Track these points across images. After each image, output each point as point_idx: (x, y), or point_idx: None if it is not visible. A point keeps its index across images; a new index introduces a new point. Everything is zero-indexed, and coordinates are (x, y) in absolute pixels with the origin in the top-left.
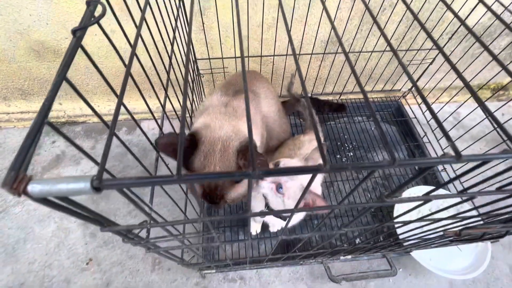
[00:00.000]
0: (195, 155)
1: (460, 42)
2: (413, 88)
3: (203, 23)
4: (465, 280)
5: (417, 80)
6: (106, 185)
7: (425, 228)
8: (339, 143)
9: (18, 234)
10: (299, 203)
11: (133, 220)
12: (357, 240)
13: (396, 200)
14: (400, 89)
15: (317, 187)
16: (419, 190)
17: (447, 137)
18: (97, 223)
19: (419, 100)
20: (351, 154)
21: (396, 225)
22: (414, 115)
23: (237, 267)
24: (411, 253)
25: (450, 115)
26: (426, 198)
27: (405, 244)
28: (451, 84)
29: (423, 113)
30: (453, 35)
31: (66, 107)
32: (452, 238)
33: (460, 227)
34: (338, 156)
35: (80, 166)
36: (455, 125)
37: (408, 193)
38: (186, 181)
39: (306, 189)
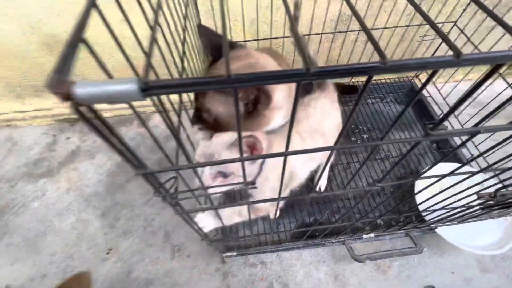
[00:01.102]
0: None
1: (474, 14)
2: None
3: (212, 8)
4: (494, 257)
5: (433, 54)
6: (153, 87)
7: (451, 200)
8: (353, 126)
9: (38, 228)
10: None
11: (151, 210)
12: (378, 221)
13: (442, 133)
14: None
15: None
16: (441, 166)
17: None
18: (131, 164)
19: (433, 79)
20: (366, 136)
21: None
22: (429, 94)
23: (258, 249)
24: (436, 230)
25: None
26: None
27: (430, 219)
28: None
29: (438, 91)
30: (467, 6)
31: None
32: (485, 200)
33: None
34: (353, 138)
35: (95, 160)
36: (470, 102)
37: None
38: (238, 82)
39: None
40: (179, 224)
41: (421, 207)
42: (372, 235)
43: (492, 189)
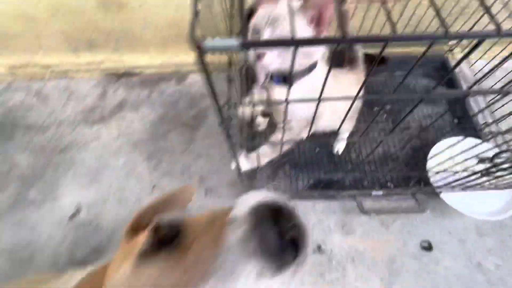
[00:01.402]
0: None
1: None
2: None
3: None
4: (493, 224)
5: (470, 30)
6: (248, 44)
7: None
8: (377, 96)
9: (97, 164)
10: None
11: (188, 157)
12: (389, 184)
13: (460, 34)
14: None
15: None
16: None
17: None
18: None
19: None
20: (389, 107)
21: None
22: (462, 70)
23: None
24: (440, 195)
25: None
26: None
27: (436, 183)
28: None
29: (469, 67)
30: None
31: (125, 59)
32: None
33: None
34: (375, 108)
35: (139, 112)
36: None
37: (443, 144)
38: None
39: None
40: (212, 171)
41: (430, 173)
42: (380, 192)
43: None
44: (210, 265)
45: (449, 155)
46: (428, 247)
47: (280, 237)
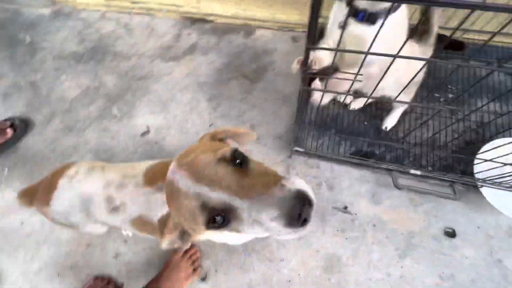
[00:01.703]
0: None
1: None
2: None
3: None
4: None
5: None
6: None
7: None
8: (442, 82)
9: (167, 95)
10: None
11: (245, 106)
12: (429, 168)
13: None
14: None
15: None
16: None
17: None
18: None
19: None
20: (451, 95)
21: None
22: None
23: (320, 156)
24: (481, 189)
25: None
26: None
27: (480, 176)
28: None
29: None
30: None
31: (202, 5)
32: None
33: None
34: (437, 95)
35: (208, 57)
36: None
37: (499, 142)
38: None
39: None
40: (262, 122)
41: (476, 165)
42: (418, 172)
43: None
44: (257, 193)
45: (502, 153)
46: (451, 234)
47: (299, 213)
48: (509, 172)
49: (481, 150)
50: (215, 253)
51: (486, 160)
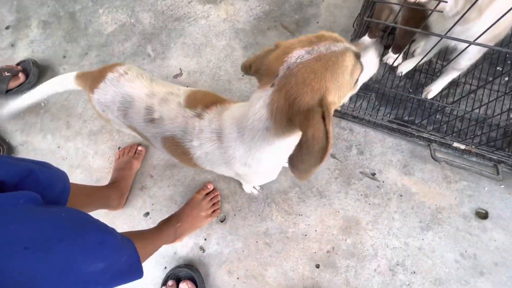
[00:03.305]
0: None
1: None
2: None
3: None
4: None
5: None
6: None
7: None
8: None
9: (201, 39)
10: None
11: None
12: (472, 147)
13: None
14: None
15: None
16: None
17: None
18: None
19: None
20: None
21: None
22: None
23: (354, 119)
24: None
25: None
26: None
27: None
28: None
29: None
30: None
31: None
32: None
33: None
34: (498, 68)
35: (248, 2)
36: None
37: None
38: None
39: None
40: None
41: None
42: (463, 146)
43: None
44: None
45: None
46: (483, 215)
47: None
48: None
49: None
50: (235, 199)
51: None
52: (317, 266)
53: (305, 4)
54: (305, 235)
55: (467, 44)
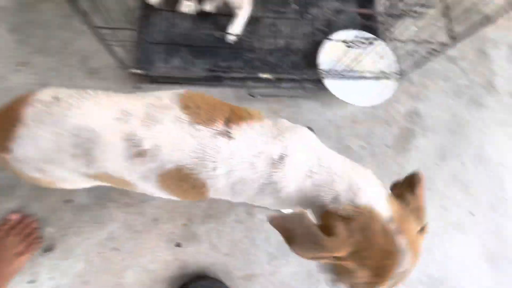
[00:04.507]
0: None
1: None
2: None
3: None
4: (366, 115)
5: None
6: None
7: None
8: None
9: None
10: None
11: (68, 34)
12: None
13: None
14: None
15: None
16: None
17: None
18: None
19: None
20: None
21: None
22: None
23: (169, 80)
24: (324, 81)
25: None
26: None
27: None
28: None
29: None
30: None
31: None
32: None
33: None
34: None
35: None
36: None
37: (337, 35)
38: None
39: None
40: (98, 50)
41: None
42: (267, 75)
43: None
44: None
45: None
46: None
47: None
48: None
49: (323, 46)
50: (58, 217)
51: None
52: (178, 245)
53: None
54: (156, 220)
55: None
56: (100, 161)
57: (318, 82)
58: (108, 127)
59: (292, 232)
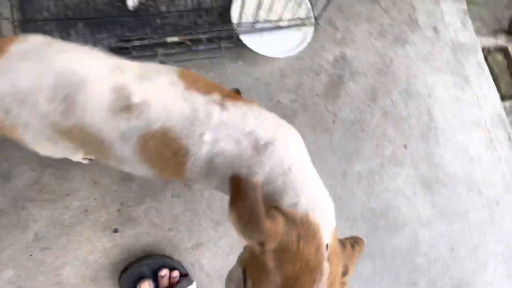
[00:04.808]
0: None
1: None
2: None
3: None
4: (294, 69)
5: None
6: None
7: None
8: None
9: None
10: None
11: None
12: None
13: None
14: None
15: None
16: None
17: None
18: None
19: None
20: None
21: None
22: None
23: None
24: (241, 37)
25: None
26: None
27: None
28: None
29: None
30: None
31: None
32: None
33: None
34: None
35: None
36: None
37: None
38: None
39: None
40: None
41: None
42: (174, 38)
43: None
44: None
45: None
46: (237, 92)
47: None
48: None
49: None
50: None
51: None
52: (116, 231)
53: None
54: (86, 211)
55: None
56: (80, 111)
57: (237, 40)
58: (99, 76)
59: (242, 197)
